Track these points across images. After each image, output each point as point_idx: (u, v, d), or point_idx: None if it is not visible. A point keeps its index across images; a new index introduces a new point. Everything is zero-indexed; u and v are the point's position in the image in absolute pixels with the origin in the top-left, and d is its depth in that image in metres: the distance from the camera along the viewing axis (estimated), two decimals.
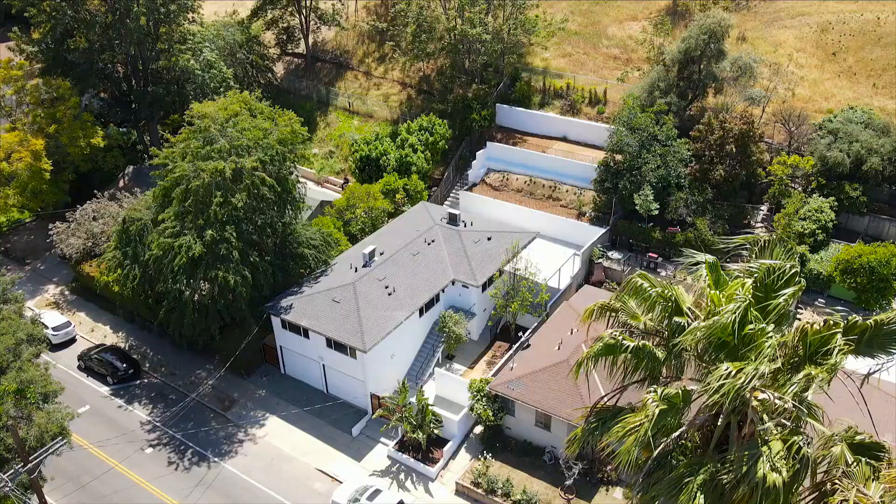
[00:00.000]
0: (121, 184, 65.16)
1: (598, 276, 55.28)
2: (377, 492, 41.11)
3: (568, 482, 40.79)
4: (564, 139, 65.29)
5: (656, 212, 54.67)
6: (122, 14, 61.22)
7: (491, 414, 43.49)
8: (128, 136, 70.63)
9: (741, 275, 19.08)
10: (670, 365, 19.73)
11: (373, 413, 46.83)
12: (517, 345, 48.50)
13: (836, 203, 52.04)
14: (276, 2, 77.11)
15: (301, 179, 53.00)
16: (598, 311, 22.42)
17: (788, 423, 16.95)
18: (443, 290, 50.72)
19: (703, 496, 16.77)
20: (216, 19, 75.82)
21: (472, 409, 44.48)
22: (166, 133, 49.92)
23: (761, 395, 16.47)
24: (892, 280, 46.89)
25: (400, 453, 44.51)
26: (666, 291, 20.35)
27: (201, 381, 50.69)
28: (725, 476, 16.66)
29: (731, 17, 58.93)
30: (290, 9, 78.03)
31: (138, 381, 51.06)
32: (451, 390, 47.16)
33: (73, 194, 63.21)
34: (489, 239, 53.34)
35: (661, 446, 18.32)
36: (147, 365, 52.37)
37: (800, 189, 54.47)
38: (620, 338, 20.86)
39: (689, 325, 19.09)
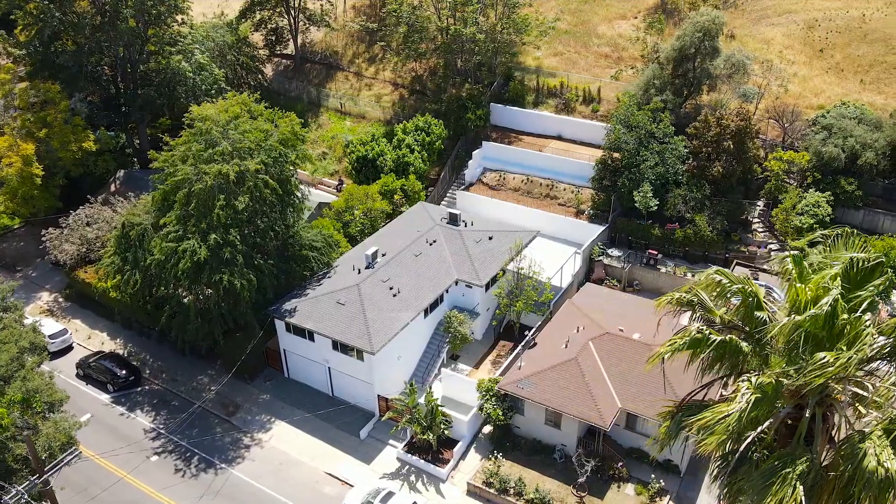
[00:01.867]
0: (112, 188, 64.22)
1: (598, 274, 55.52)
2: (390, 494, 40.87)
3: (581, 479, 40.85)
4: (559, 137, 65.48)
5: (655, 209, 54.99)
6: (111, 16, 60.33)
7: (501, 413, 43.44)
8: (116, 140, 69.60)
9: (830, 267, 19.11)
10: (754, 359, 19.67)
11: (380, 415, 46.59)
12: (523, 343, 48.47)
13: (832, 198, 52.65)
14: (264, 3, 76.46)
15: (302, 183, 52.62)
16: (672, 304, 22.24)
17: (880, 414, 17.03)
18: (446, 291, 50.59)
19: (803, 487, 16.74)
20: (204, 20, 75.02)
21: (481, 408, 44.41)
22: (165, 136, 49.18)
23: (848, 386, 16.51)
24: (892, 273, 47.45)
25: (409, 455, 44.29)
26: (747, 287, 20.33)
27: (204, 386, 50.12)
28: (833, 469, 16.64)
29: (723, 15, 59.48)
30: (278, 9, 77.40)
31: (139, 388, 50.35)
32: (458, 390, 47.00)
33: (63, 199, 62.15)
34: (490, 238, 53.32)
35: (748, 440, 18.28)
36: (147, 371, 51.66)
37: (795, 184, 55.03)
38: (707, 332, 20.71)
39: (770, 319, 19.09)
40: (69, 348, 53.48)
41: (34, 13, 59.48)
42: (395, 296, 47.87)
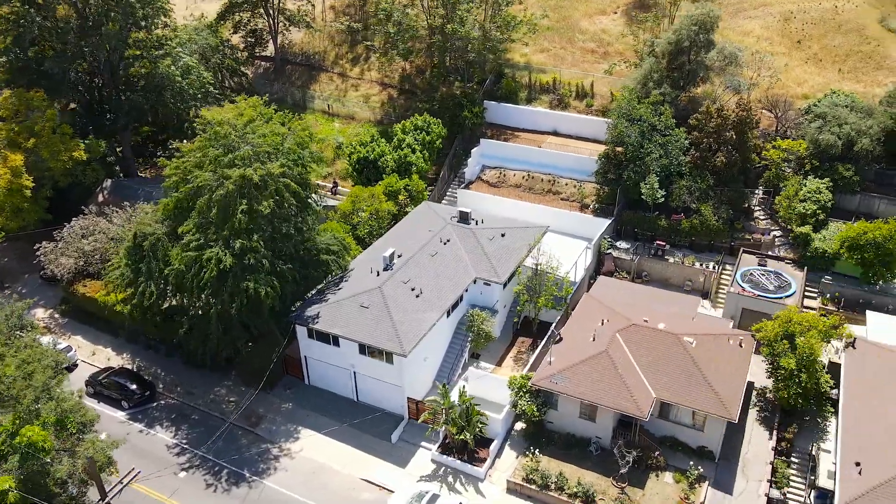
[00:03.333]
0: (100, 198, 61.93)
1: (608, 267, 56.03)
2: (435, 497, 40.50)
3: (623, 470, 41.14)
4: (555, 133, 65.87)
5: (661, 200, 55.73)
6: (94, 21, 58.15)
7: (535, 409, 43.46)
8: (100, 148, 67.06)
9: None
10: None
11: (412, 418, 46.11)
12: (546, 337, 48.59)
13: (831, 184, 54.19)
14: (242, 4, 74.82)
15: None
16: None
17: None
18: (466, 290, 50.36)
19: None
20: (185, 23, 72.98)
21: (515, 405, 44.36)
22: (175, 143, 47.61)
23: None
24: None
25: (444, 456, 43.97)
26: None
27: (221, 398, 48.81)
28: None
29: (717, 9, 60.78)
30: (257, 10, 75.84)
31: (155, 403, 48.72)
32: (486, 389, 46.74)
33: (49, 211, 59.55)
34: (503, 235, 53.29)
35: None
36: (161, 386, 50.00)
37: (793, 172, 56.46)
38: None
39: None
40: (74, 366, 51.33)
41: (12, 18, 56.93)
42: (417, 296, 47.44)
